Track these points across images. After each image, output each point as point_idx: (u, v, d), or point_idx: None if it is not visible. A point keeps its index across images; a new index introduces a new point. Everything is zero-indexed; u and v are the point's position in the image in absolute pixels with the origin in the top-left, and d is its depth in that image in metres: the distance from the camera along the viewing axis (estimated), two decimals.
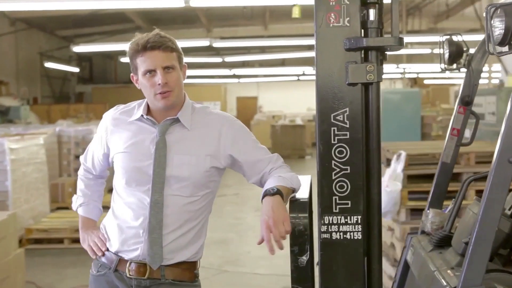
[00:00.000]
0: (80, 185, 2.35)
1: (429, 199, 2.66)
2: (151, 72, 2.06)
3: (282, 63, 21.12)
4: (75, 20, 14.01)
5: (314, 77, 1.93)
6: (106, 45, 14.32)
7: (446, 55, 2.54)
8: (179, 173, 2.06)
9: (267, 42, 15.38)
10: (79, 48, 13.38)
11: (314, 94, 1.92)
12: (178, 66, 2.11)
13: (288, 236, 1.87)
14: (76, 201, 2.33)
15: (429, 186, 2.75)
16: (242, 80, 23.72)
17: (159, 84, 2.04)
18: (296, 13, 8.07)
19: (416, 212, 4.49)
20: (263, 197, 1.94)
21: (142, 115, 2.14)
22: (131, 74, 2.16)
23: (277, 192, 1.92)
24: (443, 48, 2.56)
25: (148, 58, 2.05)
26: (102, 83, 21.55)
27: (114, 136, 2.17)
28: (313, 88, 1.95)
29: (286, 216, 1.87)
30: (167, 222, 2.05)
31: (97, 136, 2.26)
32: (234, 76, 22.23)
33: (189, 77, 2.35)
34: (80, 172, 2.35)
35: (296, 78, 22.40)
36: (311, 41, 1.92)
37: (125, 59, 16.09)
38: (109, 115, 2.23)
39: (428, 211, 2.62)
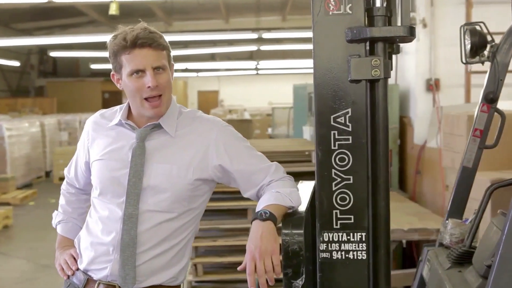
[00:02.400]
0: (61, 200, 2.13)
1: (448, 208, 2.38)
2: (139, 72, 1.82)
3: (249, 57, 20.56)
4: (32, 14, 13.75)
5: (273, 71, 1.67)
6: (62, 37, 13.84)
7: (468, 47, 2.26)
8: (156, 184, 1.82)
9: (228, 36, 14.75)
10: (31, 41, 13.03)
11: (275, 88, 1.67)
12: (168, 66, 1.87)
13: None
14: (56, 218, 2.12)
15: None
16: (202, 74, 23.15)
17: (148, 87, 1.81)
18: (113, 9, 7.95)
19: None
20: (252, 220, 1.69)
21: (120, 120, 1.91)
22: (112, 73, 1.92)
23: (269, 217, 1.67)
24: (464, 39, 2.28)
25: (137, 56, 1.81)
26: (66, 77, 21.20)
27: (94, 142, 1.95)
28: (274, 81, 1.70)
29: (275, 248, 1.62)
30: (141, 239, 1.81)
31: (80, 143, 2.04)
32: (194, 70, 21.77)
33: None
34: (63, 186, 2.13)
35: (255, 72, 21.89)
36: (269, 35, 1.66)
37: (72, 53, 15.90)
38: (90, 120, 2.01)
39: (446, 221, 2.34)
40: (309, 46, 1.71)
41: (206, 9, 13.39)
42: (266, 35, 12.81)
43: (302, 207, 1.79)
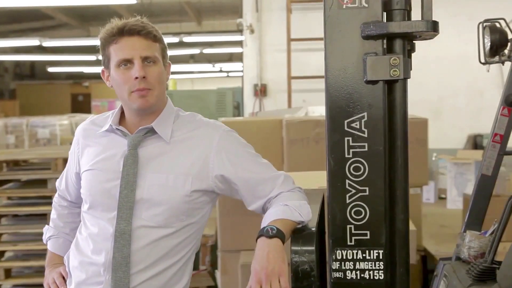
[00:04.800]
0: (52, 214, 1.95)
1: (465, 220, 2.22)
2: (126, 63, 1.64)
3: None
4: (7, 16, 13.48)
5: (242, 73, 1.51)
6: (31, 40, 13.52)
7: (487, 46, 2.09)
8: (151, 196, 1.64)
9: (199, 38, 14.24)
10: (5, 43, 12.78)
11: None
12: (161, 60, 1.69)
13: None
14: (46, 233, 1.95)
15: None
16: (176, 76, 22.81)
17: (136, 78, 1.62)
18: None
19: None
20: (258, 236, 1.51)
21: (111, 125, 1.73)
22: (102, 69, 1.75)
23: (276, 234, 1.49)
24: (483, 37, 2.12)
25: (125, 45, 1.64)
26: (47, 79, 20.98)
27: (84, 151, 1.78)
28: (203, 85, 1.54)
29: (284, 269, 1.45)
30: (135, 258, 1.63)
31: (70, 153, 1.86)
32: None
33: None
34: (55, 198, 1.95)
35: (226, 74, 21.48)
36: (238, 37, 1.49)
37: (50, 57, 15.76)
38: (80, 127, 1.84)
39: (464, 233, 2.18)
40: (224, 50, 1.56)
41: (181, 12, 13.10)
42: (186, 39, 12.43)
43: (312, 222, 1.62)
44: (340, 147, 1.54)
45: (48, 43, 12.69)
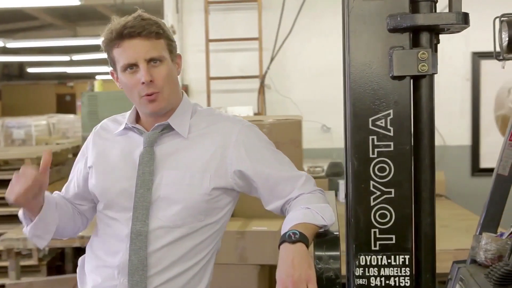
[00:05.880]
0: None
1: (481, 221, 2.14)
2: (131, 67, 1.56)
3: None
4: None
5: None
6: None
7: (505, 41, 2.01)
8: (168, 195, 1.55)
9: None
10: None
11: None
12: (168, 57, 1.60)
13: None
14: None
15: None
16: (104, 77, 22.15)
17: (142, 83, 1.54)
18: None
19: None
20: (280, 243, 1.42)
21: (127, 124, 1.65)
22: (111, 71, 1.67)
23: (299, 238, 1.40)
24: (500, 31, 2.04)
25: (127, 48, 1.56)
26: (34, 80, 20.64)
27: (100, 150, 1.69)
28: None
29: (311, 275, 1.35)
30: (152, 261, 1.54)
31: (80, 155, 1.77)
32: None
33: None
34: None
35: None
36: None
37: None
38: (98, 125, 1.76)
39: (480, 235, 2.10)
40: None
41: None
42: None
43: (334, 225, 1.54)
44: (364, 147, 1.45)
45: (21, 44, 12.43)
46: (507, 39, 2.00)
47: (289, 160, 1.65)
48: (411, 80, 1.44)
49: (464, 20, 1.39)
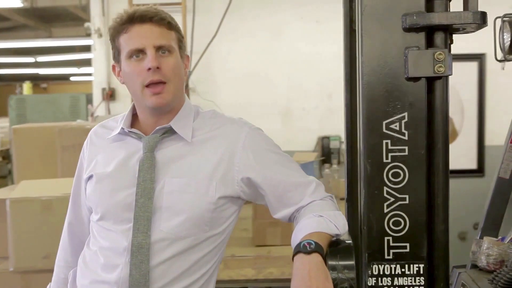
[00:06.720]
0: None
1: (481, 225, 2.11)
2: (138, 54, 1.45)
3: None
4: None
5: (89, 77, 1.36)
6: None
7: (507, 42, 1.99)
8: (171, 204, 1.45)
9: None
10: None
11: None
12: (177, 51, 1.50)
13: None
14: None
15: None
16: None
17: (148, 69, 1.43)
18: None
19: None
20: (295, 253, 1.34)
21: (123, 128, 1.54)
22: (112, 64, 1.56)
23: (315, 249, 1.32)
24: (500, 32, 2.01)
25: (135, 34, 1.45)
26: (7, 81, 20.35)
27: (94, 158, 1.59)
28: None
29: (329, 287, 1.28)
30: (154, 275, 1.44)
31: (78, 166, 1.67)
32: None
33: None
34: (57, 260, 1.73)
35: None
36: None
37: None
38: (91, 131, 1.66)
39: (481, 240, 2.07)
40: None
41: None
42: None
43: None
44: (378, 151, 1.39)
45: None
46: (509, 39, 1.97)
47: (297, 164, 1.58)
48: (426, 82, 1.38)
49: (483, 19, 1.34)
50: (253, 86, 5.07)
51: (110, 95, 5.42)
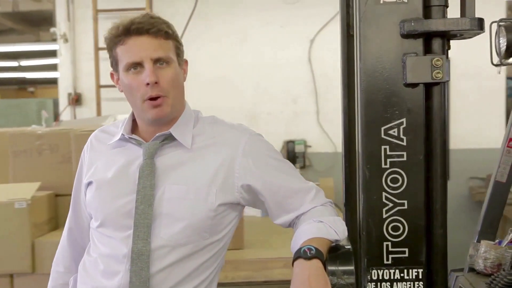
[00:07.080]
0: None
1: (478, 228, 2.11)
2: (136, 66, 1.45)
3: None
4: None
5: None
6: None
7: (502, 46, 1.99)
8: (171, 211, 1.45)
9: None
10: None
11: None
12: (175, 60, 1.50)
13: None
14: None
15: None
16: None
17: (147, 84, 1.43)
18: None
19: None
20: (295, 259, 1.34)
21: (123, 135, 1.54)
22: (110, 72, 1.56)
23: (315, 255, 1.32)
24: (496, 37, 2.02)
25: (132, 46, 1.44)
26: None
27: (94, 164, 1.58)
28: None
29: None
30: (154, 282, 1.43)
31: (78, 171, 1.66)
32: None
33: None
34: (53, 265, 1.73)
35: None
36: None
37: None
38: (92, 135, 1.64)
39: (478, 243, 2.07)
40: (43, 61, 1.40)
41: None
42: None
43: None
44: (376, 157, 1.40)
45: None
46: (505, 44, 1.98)
47: (297, 170, 1.58)
48: (424, 88, 1.39)
49: (480, 26, 1.35)
50: (219, 91, 5.06)
51: (76, 100, 5.42)
